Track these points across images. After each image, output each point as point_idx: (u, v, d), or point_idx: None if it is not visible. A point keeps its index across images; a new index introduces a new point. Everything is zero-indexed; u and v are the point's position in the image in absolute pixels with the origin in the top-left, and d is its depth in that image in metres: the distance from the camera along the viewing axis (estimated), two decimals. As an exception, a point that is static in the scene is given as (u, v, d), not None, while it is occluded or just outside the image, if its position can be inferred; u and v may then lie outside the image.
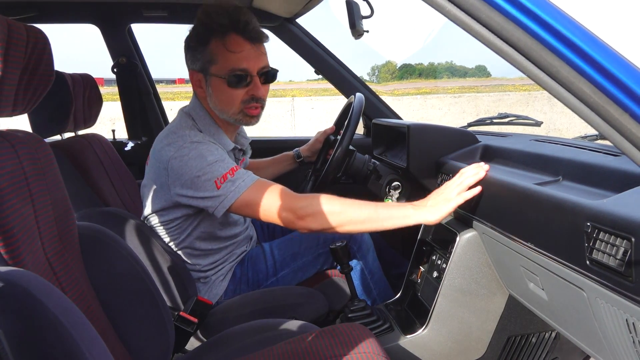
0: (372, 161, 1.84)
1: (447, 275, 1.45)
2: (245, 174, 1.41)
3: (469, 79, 23.62)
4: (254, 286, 1.69)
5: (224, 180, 1.38)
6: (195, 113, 1.53)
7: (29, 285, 0.71)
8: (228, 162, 1.42)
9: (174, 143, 1.43)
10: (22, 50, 0.92)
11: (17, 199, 0.91)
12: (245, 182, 1.39)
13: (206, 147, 1.42)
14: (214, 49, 1.43)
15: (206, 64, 1.45)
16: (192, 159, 1.39)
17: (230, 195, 1.38)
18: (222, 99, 1.48)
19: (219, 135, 1.53)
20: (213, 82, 1.47)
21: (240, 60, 1.43)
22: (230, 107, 1.48)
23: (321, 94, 13.28)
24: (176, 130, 1.47)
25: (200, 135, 1.47)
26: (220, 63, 1.44)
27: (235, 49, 1.42)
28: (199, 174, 1.38)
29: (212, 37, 1.43)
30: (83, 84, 1.98)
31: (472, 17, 0.75)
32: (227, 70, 1.44)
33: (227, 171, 1.39)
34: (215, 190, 1.38)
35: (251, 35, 1.43)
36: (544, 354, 1.50)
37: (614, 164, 1.06)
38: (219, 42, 1.43)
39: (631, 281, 0.80)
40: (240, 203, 1.39)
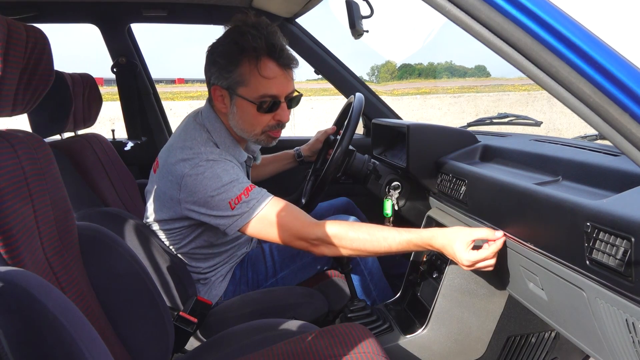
0: (372, 161, 1.84)
1: (447, 275, 1.45)
2: (259, 194, 1.38)
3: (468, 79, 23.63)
4: (253, 287, 1.69)
5: (239, 201, 1.35)
6: (211, 125, 1.49)
7: (29, 285, 0.71)
8: (243, 181, 1.39)
9: (190, 160, 1.40)
10: (21, 50, 0.92)
11: (16, 199, 0.91)
12: (259, 203, 1.36)
13: (222, 166, 1.39)
14: (245, 71, 1.39)
15: (235, 84, 1.41)
16: (207, 179, 1.37)
17: (244, 216, 1.36)
18: (246, 121, 1.45)
19: (234, 148, 1.51)
20: (239, 102, 1.43)
21: (272, 86, 1.41)
22: (253, 130, 1.47)
23: (321, 94, 13.28)
24: (192, 146, 1.43)
25: (216, 151, 1.44)
26: (250, 86, 1.40)
27: (268, 74, 1.39)
28: (214, 194, 1.36)
29: (245, 58, 1.39)
30: (83, 83, 1.98)
31: (472, 16, 0.75)
32: (258, 95, 1.41)
33: (241, 192, 1.36)
34: (229, 211, 1.36)
35: (285, 61, 1.41)
36: (543, 354, 1.50)
37: (613, 164, 1.06)
38: (252, 65, 1.39)
39: (631, 281, 0.80)
40: (253, 225, 1.37)
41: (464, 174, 1.42)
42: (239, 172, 1.42)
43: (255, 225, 1.37)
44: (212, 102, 1.50)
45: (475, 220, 1.37)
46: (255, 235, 1.40)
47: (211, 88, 1.46)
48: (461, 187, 1.43)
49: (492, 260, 1.23)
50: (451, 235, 1.26)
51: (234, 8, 2.29)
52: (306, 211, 1.73)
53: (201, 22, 2.47)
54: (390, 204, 1.80)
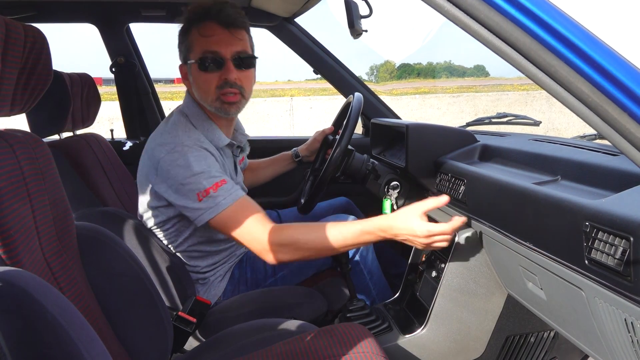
0: (371, 161, 1.84)
1: (446, 274, 1.45)
2: (228, 190, 1.40)
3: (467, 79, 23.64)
4: (252, 286, 1.69)
5: (207, 194, 1.37)
6: (188, 109, 1.53)
7: (27, 286, 0.71)
8: (214, 174, 1.40)
9: (166, 144, 1.43)
10: (20, 49, 0.92)
11: (15, 199, 0.91)
12: (226, 200, 1.38)
13: (196, 154, 1.41)
14: (191, 37, 1.46)
15: (186, 53, 1.48)
16: (180, 166, 1.39)
17: (209, 211, 1.38)
18: (199, 85, 1.47)
19: (212, 130, 1.52)
20: (192, 69, 1.47)
21: (212, 43, 1.43)
22: (207, 94, 1.47)
23: (320, 94, 13.29)
24: (170, 130, 1.47)
25: (194, 135, 1.46)
26: (195, 49, 1.45)
27: (207, 33, 1.43)
28: (184, 182, 1.38)
29: (191, 27, 1.46)
30: (81, 83, 1.98)
31: (471, 16, 0.75)
32: (200, 54, 1.44)
33: (210, 185, 1.38)
34: (196, 202, 1.38)
35: (225, 20, 1.43)
36: (542, 354, 1.50)
37: (612, 163, 1.06)
38: (196, 30, 1.45)
39: (630, 281, 0.80)
40: (217, 221, 1.39)
41: (463, 173, 1.42)
42: (212, 163, 1.43)
43: (219, 222, 1.39)
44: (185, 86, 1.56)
45: (474, 220, 1.37)
46: (220, 231, 1.42)
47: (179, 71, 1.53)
48: (460, 186, 1.43)
49: (448, 236, 1.29)
50: (402, 214, 1.32)
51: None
52: (305, 211, 1.74)
53: None
54: (389, 203, 1.80)
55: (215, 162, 1.45)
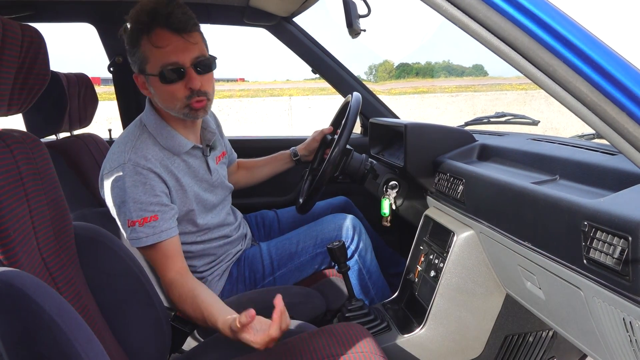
0: (370, 160, 1.84)
1: (445, 274, 1.45)
2: (153, 229, 1.38)
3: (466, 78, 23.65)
4: (250, 286, 1.69)
5: (132, 225, 1.38)
6: (147, 118, 1.48)
7: (25, 286, 0.71)
8: (147, 208, 1.38)
9: (113, 160, 1.41)
10: (17, 49, 0.91)
11: (12, 199, 0.90)
12: (147, 239, 1.38)
13: (134, 178, 1.38)
14: (145, 49, 1.37)
15: (142, 64, 1.39)
16: (117, 188, 1.39)
17: (131, 240, 1.39)
18: (164, 97, 1.41)
19: (172, 137, 1.48)
20: (152, 81, 1.40)
21: (168, 54, 1.35)
22: (174, 104, 1.42)
23: (318, 93, 13.28)
24: (120, 144, 1.45)
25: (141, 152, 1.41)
26: (152, 61, 1.37)
27: (161, 43, 1.35)
28: (119, 205, 1.39)
29: (142, 36, 1.36)
30: (78, 83, 1.97)
31: (470, 16, 0.75)
32: (159, 67, 1.36)
33: (137, 219, 1.37)
34: (126, 227, 1.40)
35: (176, 26, 1.35)
36: (541, 353, 1.50)
37: (611, 163, 1.06)
38: (147, 39, 1.35)
39: (628, 280, 0.80)
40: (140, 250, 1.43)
41: (462, 173, 1.42)
42: (149, 190, 1.39)
43: (142, 254, 1.44)
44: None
45: (472, 220, 1.37)
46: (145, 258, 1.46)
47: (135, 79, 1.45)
48: (459, 186, 1.43)
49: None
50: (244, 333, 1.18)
51: (231, 7, 2.29)
52: (304, 211, 1.74)
53: (198, 21, 2.47)
54: (388, 203, 1.80)
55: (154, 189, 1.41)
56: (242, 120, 11.23)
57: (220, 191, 1.67)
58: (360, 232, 1.75)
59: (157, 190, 1.41)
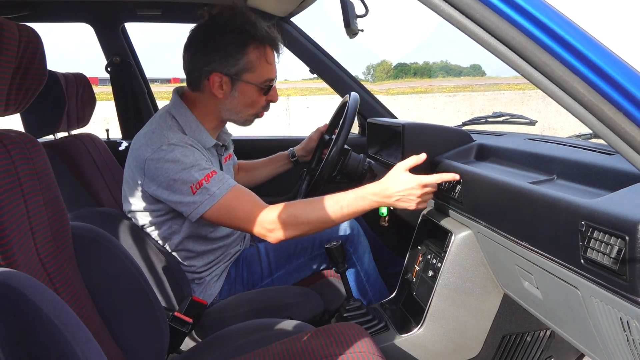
0: (367, 160, 1.84)
1: (442, 274, 1.45)
2: (221, 181, 1.42)
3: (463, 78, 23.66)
4: (248, 287, 1.69)
5: (200, 186, 1.40)
6: (176, 110, 1.53)
7: (22, 286, 0.70)
8: (205, 167, 1.43)
9: (152, 143, 1.44)
10: (14, 49, 0.91)
11: (9, 199, 0.90)
12: (220, 190, 1.41)
13: (183, 150, 1.42)
14: (252, 58, 1.48)
15: (240, 70, 1.49)
16: (169, 162, 1.40)
17: (205, 202, 1.40)
18: (247, 104, 1.53)
19: (200, 132, 1.53)
20: (243, 87, 1.50)
21: (272, 71, 1.53)
22: (250, 110, 1.55)
23: (316, 93, 13.29)
24: (155, 130, 1.48)
25: (179, 135, 1.47)
26: (257, 72, 1.50)
27: (270, 60, 1.53)
28: (175, 177, 1.40)
29: (251, 44, 1.47)
30: (76, 83, 1.97)
31: (467, 15, 0.75)
32: (263, 79, 1.51)
33: (202, 177, 1.40)
34: (190, 196, 1.40)
35: (278, 49, 1.55)
36: (538, 353, 1.51)
37: (608, 162, 1.06)
38: (259, 51, 1.49)
39: (625, 280, 0.80)
40: (213, 211, 1.41)
41: (459, 173, 1.43)
42: (200, 157, 1.45)
43: (215, 213, 1.42)
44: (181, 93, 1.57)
45: (470, 220, 1.38)
46: (216, 221, 1.45)
47: (209, 75, 1.48)
48: (456, 186, 1.43)
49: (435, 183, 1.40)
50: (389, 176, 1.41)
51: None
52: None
53: (196, 22, 2.46)
54: (386, 203, 1.80)
55: (202, 156, 1.47)
56: (240, 120, 11.21)
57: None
58: (358, 233, 1.75)
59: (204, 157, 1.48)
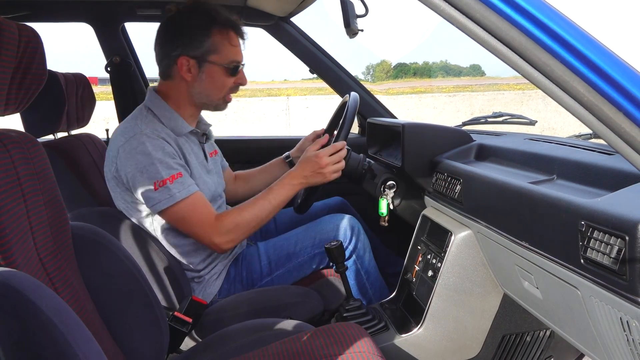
0: (367, 160, 1.84)
1: (442, 274, 1.45)
2: (183, 184, 1.47)
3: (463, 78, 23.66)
4: (248, 286, 1.69)
5: (163, 184, 1.45)
6: (152, 103, 1.60)
7: (21, 286, 0.70)
8: (173, 166, 1.48)
9: (125, 133, 1.50)
10: (13, 49, 0.91)
11: (9, 199, 0.90)
12: (180, 194, 1.46)
13: (154, 142, 1.48)
14: (217, 41, 1.56)
15: (206, 52, 1.56)
16: (139, 154, 1.45)
17: (163, 201, 1.45)
18: (215, 85, 1.60)
19: (176, 120, 1.59)
20: (209, 68, 1.58)
21: (237, 54, 1.61)
22: (219, 93, 1.62)
23: (316, 93, 13.29)
24: (130, 121, 1.55)
25: (154, 126, 1.53)
26: (222, 53, 1.57)
27: (235, 43, 1.60)
28: (142, 169, 1.45)
29: (215, 28, 1.56)
30: (76, 83, 1.97)
31: (467, 15, 0.75)
32: (228, 60, 1.58)
33: (168, 177, 1.45)
34: (152, 192, 1.45)
35: (242, 35, 1.64)
36: (538, 353, 1.51)
37: (608, 162, 1.06)
38: (223, 35, 1.57)
39: (625, 280, 0.80)
40: (168, 212, 1.48)
41: (459, 173, 1.43)
42: (170, 153, 1.50)
43: (170, 215, 1.49)
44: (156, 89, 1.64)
45: (470, 219, 1.38)
46: (170, 223, 1.53)
47: (176, 60, 1.56)
48: (456, 186, 1.43)
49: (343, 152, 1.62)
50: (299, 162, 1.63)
51: (229, 7, 2.28)
52: (301, 211, 1.74)
53: None
54: (386, 203, 1.80)
55: (174, 153, 1.52)
56: (239, 120, 11.22)
57: (216, 179, 1.74)
58: (358, 232, 1.75)
59: (175, 155, 1.52)
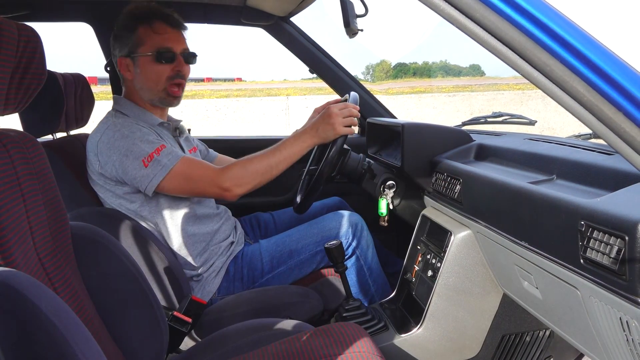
0: (367, 160, 1.84)
1: (442, 274, 1.45)
2: (170, 153, 1.50)
3: (463, 78, 23.65)
4: (248, 283, 1.69)
5: (151, 159, 1.47)
6: (118, 104, 1.65)
7: (21, 286, 0.70)
8: (154, 140, 1.51)
9: (99, 129, 1.56)
10: (13, 48, 0.91)
11: (8, 199, 0.90)
12: (170, 161, 1.49)
13: (130, 127, 1.52)
14: (141, 33, 1.59)
15: (133, 47, 1.60)
16: (119, 139, 1.49)
17: (158, 173, 1.47)
18: (149, 77, 1.61)
19: (144, 113, 1.63)
20: (141, 61, 1.60)
21: (165, 40, 1.60)
22: (156, 84, 1.61)
23: (316, 93, 13.28)
24: (101, 121, 1.61)
25: (124, 119, 1.57)
26: (147, 44, 1.59)
27: (160, 31, 1.60)
28: (127, 152, 1.47)
29: (139, 24, 1.59)
30: (75, 83, 1.96)
31: (467, 15, 0.75)
32: (154, 48, 1.59)
33: (153, 150, 1.48)
34: (143, 169, 1.47)
35: (173, 22, 1.63)
36: (538, 353, 1.51)
37: (607, 162, 1.06)
38: (146, 27, 1.59)
39: (625, 280, 0.80)
40: (167, 181, 1.49)
41: (459, 172, 1.43)
42: (148, 132, 1.54)
43: (170, 182, 1.50)
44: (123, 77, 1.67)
45: (469, 219, 1.38)
46: (172, 191, 1.53)
47: (117, 61, 1.62)
48: (456, 186, 1.43)
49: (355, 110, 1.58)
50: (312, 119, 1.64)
51: (229, 7, 2.28)
52: (301, 210, 1.74)
53: (196, 21, 2.46)
54: (385, 203, 1.80)
55: (150, 132, 1.55)
56: (239, 120, 11.21)
57: None
58: (362, 229, 1.75)
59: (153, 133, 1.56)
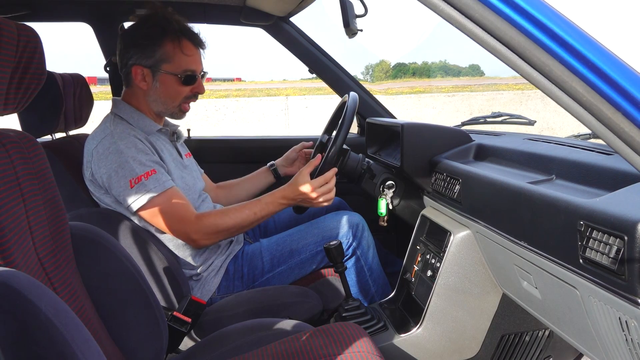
0: (366, 160, 1.84)
1: (441, 274, 1.45)
2: (158, 180, 1.50)
3: (462, 78, 23.67)
4: (248, 282, 1.69)
5: (138, 181, 1.48)
6: (118, 108, 1.64)
7: (20, 286, 0.70)
8: (146, 163, 1.51)
9: (97, 136, 1.56)
10: (13, 48, 0.91)
11: (8, 199, 0.90)
12: (156, 189, 1.49)
13: (127, 141, 1.51)
14: (169, 50, 1.59)
15: (158, 61, 1.60)
16: (112, 153, 1.50)
17: (140, 198, 1.48)
18: (169, 94, 1.63)
19: (143, 119, 1.64)
20: (162, 78, 1.61)
21: (192, 62, 1.63)
22: (173, 101, 1.65)
23: (315, 93, 13.28)
24: (100, 125, 1.61)
25: (123, 126, 1.56)
26: (174, 63, 1.60)
27: (188, 52, 1.62)
28: (117, 169, 1.48)
29: (167, 39, 1.59)
30: (73, 83, 1.96)
31: (466, 15, 0.75)
32: (181, 70, 1.61)
33: (142, 173, 1.48)
34: (128, 190, 1.47)
35: (199, 42, 1.66)
36: (537, 352, 1.51)
37: (606, 162, 1.07)
38: (175, 44, 1.59)
39: (624, 280, 0.80)
40: (146, 209, 1.50)
41: (458, 173, 1.43)
42: (143, 149, 1.53)
43: (148, 211, 1.50)
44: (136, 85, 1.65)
45: (469, 219, 1.38)
46: (148, 220, 1.53)
47: (131, 69, 1.61)
48: (455, 186, 1.43)
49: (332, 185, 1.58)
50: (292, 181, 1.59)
51: (228, 7, 2.29)
52: (301, 211, 1.74)
53: (195, 21, 2.46)
54: (385, 203, 1.80)
55: (147, 149, 1.54)
56: (238, 120, 11.22)
57: (195, 175, 1.78)
58: (362, 229, 1.76)
59: (148, 151, 1.55)
